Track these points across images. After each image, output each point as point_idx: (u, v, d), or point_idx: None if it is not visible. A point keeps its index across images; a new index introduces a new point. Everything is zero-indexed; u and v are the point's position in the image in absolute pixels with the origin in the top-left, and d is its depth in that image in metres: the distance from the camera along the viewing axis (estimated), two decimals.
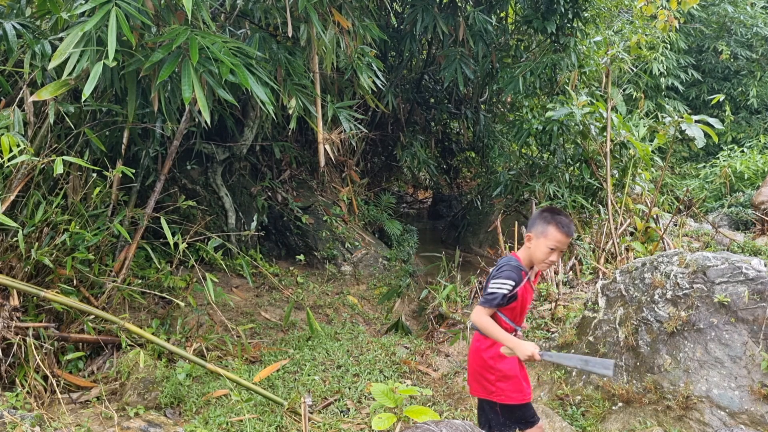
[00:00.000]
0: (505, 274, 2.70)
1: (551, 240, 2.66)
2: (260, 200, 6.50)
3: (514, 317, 2.78)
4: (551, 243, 2.66)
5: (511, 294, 2.69)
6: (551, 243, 2.66)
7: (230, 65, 3.30)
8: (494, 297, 2.68)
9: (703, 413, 3.12)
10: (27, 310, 3.68)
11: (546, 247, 2.66)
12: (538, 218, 2.73)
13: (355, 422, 3.65)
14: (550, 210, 2.77)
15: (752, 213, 8.04)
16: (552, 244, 2.65)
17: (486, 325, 2.71)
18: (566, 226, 2.66)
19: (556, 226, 2.65)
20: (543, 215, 2.73)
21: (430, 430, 2.12)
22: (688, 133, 5.42)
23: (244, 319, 5.18)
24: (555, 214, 2.72)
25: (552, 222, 2.66)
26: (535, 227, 2.72)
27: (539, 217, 2.73)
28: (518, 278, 2.69)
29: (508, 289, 2.67)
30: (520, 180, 6.82)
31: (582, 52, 7.11)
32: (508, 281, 2.68)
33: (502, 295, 2.67)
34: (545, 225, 2.67)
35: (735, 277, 3.34)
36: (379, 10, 6.97)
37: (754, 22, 12.57)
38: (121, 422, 3.37)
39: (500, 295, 2.67)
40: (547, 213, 2.74)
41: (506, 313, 2.76)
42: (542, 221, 2.69)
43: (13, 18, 3.94)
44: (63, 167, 3.40)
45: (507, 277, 2.69)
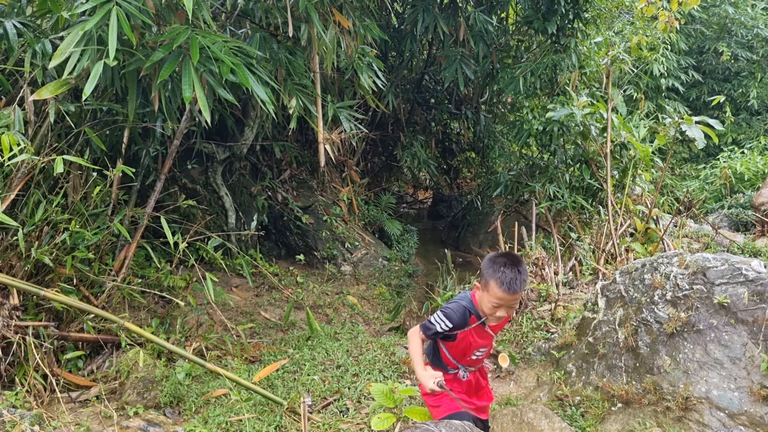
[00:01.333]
0: (447, 313, 2.39)
1: (492, 296, 2.29)
2: (260, 200, 6.50)
3: (457, 357, 2.53)
4: (493, 300, 2.29)
5: (447, 334, 2.43)
6: (493, 300, 2.29)
7: (231, 65, 3.30)
8: (429, 328, 2.45)
9: (703, 414, 3.12)
10: (27, 309, 3.68)
11: (488, 302, 2.32)
12: (485, 265, 2.34)
13: (355, 422, 3.65)
14: (501, 258, 2.31)
15: (752, 214, 8.03)
16: (494, 301, 2.29)
17: (410, 344, 2.51)
18: (509, 283, 2.24)
19: (498, 282, 2.25)
20: (489, 263, 2.31)
21: (429, 431, 2.12)
22: (688, 134, 5.42)
23: (244, 318, 5.18)
24: (502, 265, 2.27)
25: (494, 277, 2.26)
26: (481, 276, 2.35)
27: (486, 265, 2.33)
28: (460, 322, 2.38)
29: (443, 329, 2.40)
30: (521, 180, 6.82)
31: (582, 53, 7.11)
32: (445, 321, 2.39)
33: (434, 331, 2.42)
34: (488, 278, 2.29)
35: (735, 278, 3.33)
36: (380, 10, 6.97)
37: (754, 24, 12.57)
38: (120, 421, 3.37)
39: (434, 330, 2.42)
40: (492, 262, 2.31)
41: (447, 346, 2.52)
42: (487, 271, 2.30)
43: (13, 17, 3.94)
44: (63, 166, 3.40)
45: (447, 317, 2.39)
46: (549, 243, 6.12)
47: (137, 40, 3.36)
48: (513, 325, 4.88)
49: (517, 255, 2.41)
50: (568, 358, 4.03)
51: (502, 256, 2.34)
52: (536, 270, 5.42)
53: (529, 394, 3.99)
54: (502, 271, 2.25)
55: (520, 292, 2.29)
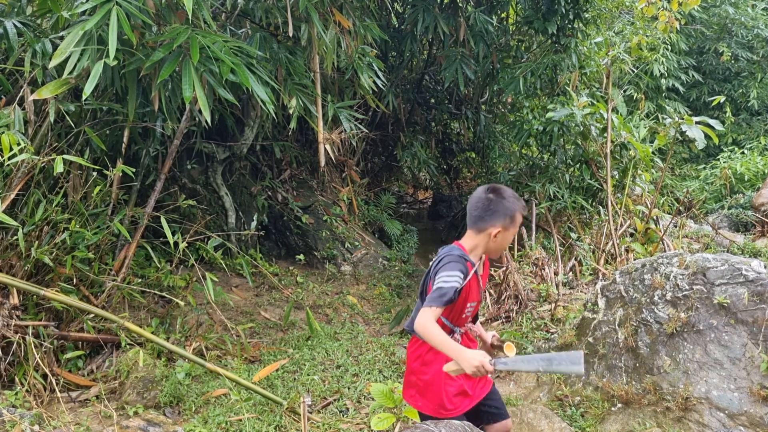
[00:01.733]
0: (451, 266, 2.29)
1: (517, 225, 2.40)
2: (260, 200, 6.50)
3: (453, 317, 2.42)
4: (515, 229, 2.41)
5: (461, 286, 2.30)
6: (515, 229, 2.41)
7: (231, 65, 3.30)
8: (444, 293, 2.22)
9: (703, 414, 3.12)
10: (27, 309, 3.68)
11: (512, 235, 2.40)
12: (500, 209, 2.34)
13: (355, 422, 3.65)
14: (503, 194, 2.37)
15: (752, 214, 8.03)
16: (516, 230, 2.41)
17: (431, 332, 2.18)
18: (524, 204, 2.43)
19: (522, 210, 2.39)
20: (503, 204, 2.34)
21: (429, 431, 2.11)
22: (688, 135, 5.42)
23: (244, 318, 5.18)
24: (511, 198, 2.37)
25: (518, 207, 2.36)
26: (499, 218, 2.34)
27: (500, 208, 2.34)
28: (465, 270, 2.31)
29: (459, 282, 2.26)
30: (521, 181, 6.82)
31: (583, 53, 7.11)
32: (459, 275, 2.26)
33: (453, 288, 2.23)
34: (512, 211, 2.34)
35: (735, 278, 3.33)
36: (380, 10, 6.97)
37: (755, 24, 12.57)
38: (120, 421, 3.37)
39: (451, 289, 2.23)
40: (506, 200, 2.35)
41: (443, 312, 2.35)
42: (507, 211, 2.34)
43: (14, 16, 3.94)
44: (63, 166, 3.40)
45: (454, 269, 2.27)
46: (549, 243, 6.12)
47: (137, 39, 3.36)
48: (513, 326, 4.87)
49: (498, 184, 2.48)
50: None
51: (496, 191, 2.38)
52: (536, 270, 5.42)
53: (529, 394, 3.99)
54: (516, 199, 2.38)
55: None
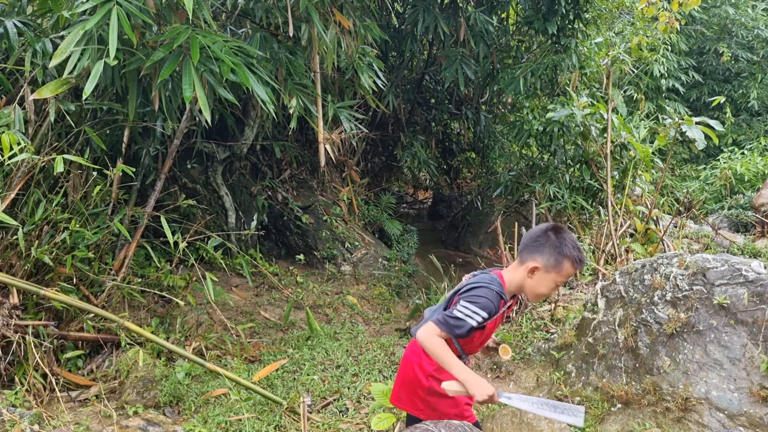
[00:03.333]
0: (482, 303, 2.14)
1: (564, 276, 2.16)
2: (260, 200, 6.50)
3: (468, 348, 2.33)
4: (562, 279, 2.17)
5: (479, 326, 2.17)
6: (562, 279, 2.17)
7: (231, 64, 3.30)
8: (459, 326, 2.13)
9: (702, 415, 3.12)
10: (26, 308, 3.68)
11: (554, 282, 2.17)
12: (548, 246, 2.15)
13: (354, 422, 3.65)
14: (560, 234, 2.17)
15: (752, 215, 8.03)
16: (562, 280, 2.18)
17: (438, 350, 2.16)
18: (583, 260, 2.17)
19: (575, 261, 2.14)
20: (554, 242, 2.15)
21: (428, 431, 2.11)
22: (688, 135, 5.42)
23: (244, 318, 5.18)
24: (570, 245, 2.15)
25: (570, 256, 2.14)
26: (543, 255, 2.15)
27: (549, 245, 2.15)
28: (495, 310, 2.16)
29: (479, 322, 2.13)
30: (521, 181, 6.82)
31: (583, 54, 7.11)
32: (481, 312, 2.13)
33: (469, 327, 2.13)
34: (560, 257, 2.14)
35: (735, 279, 3.33)
36: (380, 10, 6.97)
37: (755, 24, 12.57)
38: (120, 421, 3.37)
39: (468, 326, 2.13)
40: (559, 240, 2.15)
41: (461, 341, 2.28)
42: (555, 251, 2.14)
43: (14, 16, 3.95)
44: (63, 165, 3.40)
45: (483, 308, 2.13)
46: None
47: (138, 39, 3.36)
48: (513, 326, 4.88)
49: (563, 226, 2.27)
50: (567, 358, 4.03)
51: (559, 231, 2.18)
52: None
53: (529, 394, 3.99)
54: (575, 248, 2.15)
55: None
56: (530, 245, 2.20)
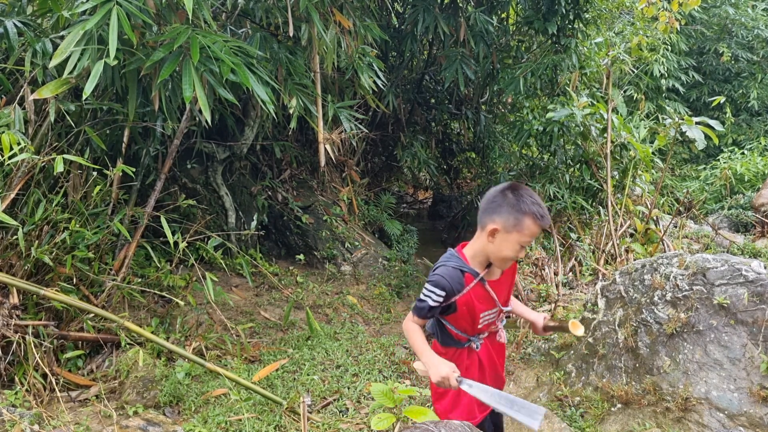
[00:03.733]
0: (435, 280, 2.07)
1: (527, 235, 2.01)
2: (260, 200, 6.50)
3: (466, 329, 2.22)
4: (525, 239, 2.02)
5: (445, 305, 2.10)
6: (525, 239, 2.02)
7: (231, 64, 3.30)
8: (420, 308, 2.10)
9: (702, 415, 3.12)
10: (26, 308, 3.68)
11: (518, 243, 2.03)
12: (505, 204, 2.02)
13: (354, 422, 3.65)
14: (517, 192, 2.04)
15: (752, 215, 8.03)
16: (526, 240, 2.02)
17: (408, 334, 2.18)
18: (546, 215, 2.03)
19: (536, 216, 2.00)
20: (511, 200, 2.02)
21: (429, 431, 2.11)
22: (688, 135, 5.42)
23: (244, 318, 5.18)
24: (528, 201, 2.01)
25: (529, 212, 2.00)
26: (500, 216, 2.02)
27: (506, 203, 2.02)
28: (454, 286, 2.07)
29: (436, 301, 2.07)
30: (521, 181, 6.82)
31: (583, 54, 7.11)
32: (436, 290, 2.06)
33: (427, 307, 2.08)
34: (519, 215, 2.00)
35: (735, 279, 3.34)
36: (380, 10, 6.97)
37: (755, 24, 12.57)
38: (119, 421, 3.37)
39: (426, 306, 2.08)
40: (516, 198, 2.02)
41: (452, 322, 2.21)
42: (513, 210, 2.01)
43: (14, 16, 3.95)
44: (63, 165, 3.40)
45: (437, 285, 2.06)
46: (549, 243, 6.12)
47: (138, 39, 3.36)
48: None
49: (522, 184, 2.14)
50: (567, 358, 4.03)
51: (516, 189, 2.05)
52: (536, 270, 5.42)
53: (529, 394, 3.99)
54: (534, 203, 2.01)
55: (549, 223, 2.10)
56: (488, 208, 2.08)
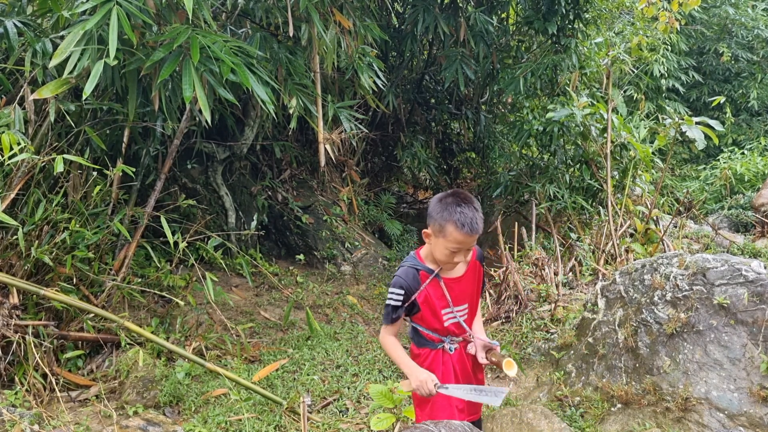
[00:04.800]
0: (394, 281, 2.18)
1: (451, 241, 2.08)
2: (260, 200, 6.50)
3: (434, 327, 2.29)
4: (450, 245, 2.09)
5: (407, 304, 2.19)
6: (450, 245, 2.09)
7: (231, 64, 3.30)
8: (387, 312, 2.21)
9: (702, 415, 3.12)
10: (27, 308, 3.68)
11: (445, 248, 2.11)
12: (435, 209, 2.12)
13: (354, 422, 3.65)
14: (451, 198, 2.11)
15: (752, 215, 8.03)
16: (452, 246, 2.09)
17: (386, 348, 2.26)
18: (471, 223, 2.05)
19: (457, 224, 2.05)
20: (441, 206, 2.10)
21: (428, 431, 2.11)
22: (688, 135, 5.42)
23: (244, 318, 5.18)
24: (456, 205, 2.07)
25: (451, 219, 2.06)
26: (431, 220, 2.13)
27: (436, 208, 2.12)
28: (412, 284, 2.18)
29: (397, 300, 2.17)
30: (521, 181, 6.82)
31: (583, 54, 7.11)
32: (396, 290, 2.17)
33: (391, 308, 2.18)
34: (443, 221, 2.08)
35: (735, 279, 3.33)
36: (380, 10, 6.97)
37: (755, 24, 12.57)
38: (119, 421, 3.37)
39: (390, 308, 2.19)
40: (444, 204, 2.10)
41: (421, 323, 2.30)
42: (440, 214, 2.09)
43: (14, 16, 3.95)
44: (63, 165, 3.40)
45: (395, 285, 2.18)
46: (549, 243, 6.12)
47: (138, 39, 3.36)
48: (513, 326, 4.87)
49: (466, 192, 2.20)
50: (567, 358, 4.03)
51: (453, 195, 2.13)
52: (536, 270, 5.42)
53: (529, 394, 3.99)
54: (459, 212, 2.06)
55: (479, 231, 2.11)
56: (429, 211, 2.18)
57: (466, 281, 2.35)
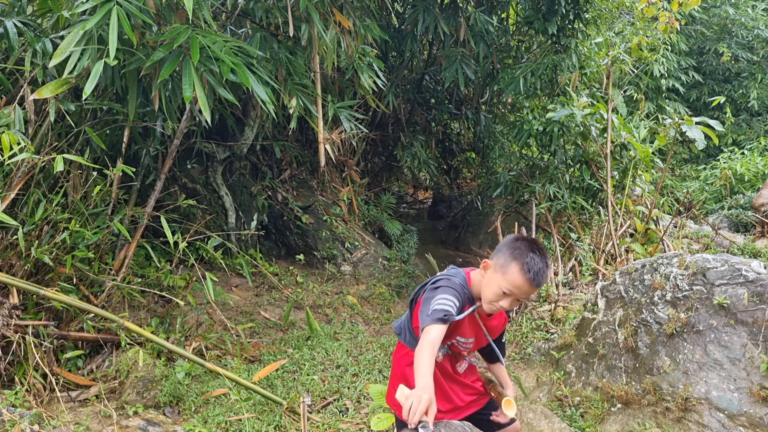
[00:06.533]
0: (453, 292, 1.98)
1: (509, 282, 1.93)
2: (260, 199, 6.50)
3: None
4: (507, 285, 1.93)
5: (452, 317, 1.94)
6: (507, 285, 1.93)
7: (231, 64, 3.30)
8: (445, 318, 1.88)
9: (702, 415, 3.12)
10: (27, 308, 3.68)
11: (498, 287, 1.95)
12: (507, 247, 1.99)
13: (354, 422, 3.65)
14: (527, 242, 1.99)
15: (752, 215, 8.03)
16: (507, 287, 1.93)
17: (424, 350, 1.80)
18: (537, 273, 1.90)
19: (523, 267, 1.90)
20: (514, 244, 1.99)
21: None
22: (688, 135, 5.42)
23: (244, 318, 5.18)
24: (530, 250, 1.94)
25: (519, 259, 1.92)
26: (498, 255, 2.01)
27: (508, 246, 1.99)
28: (461, 302, 1.99)
29: (452, 307, 1.93)
30: (521, 181, 6.82)
31: (583, 54, 7.11)
32: (454, 301, 1.94)
33: (450, 315, 1.91)
34: (510, 259, 1.94)
35: (734, 279, 3.34)
36: (381, 10, 6.97)
37: (755, 24, 12.58)
38: (119, 421, 3.37)
39: (450, 314, 1.91)
40: (520, 245, 1.97)
41: None
42: (509, 252, 1.96)
43: (14, 16, 3.95)
44: (63, 165, 3.39)
45: (455, 296, 1.96)
46: (549, 243, 6.12)
47: (138, 39, 3.36)
48: (513, 326, 4.87)
49: (542, 245, 2.05)
50: (567, 358, 4.03)
51: (529, 240, 2.00)
52: None
53: (529, 394, 3.99)
54: (530, 257, 1.92)
55: (541, 286, 1.96)
56: (499, 246, 2.07)
57: (494, 325, 2.24)
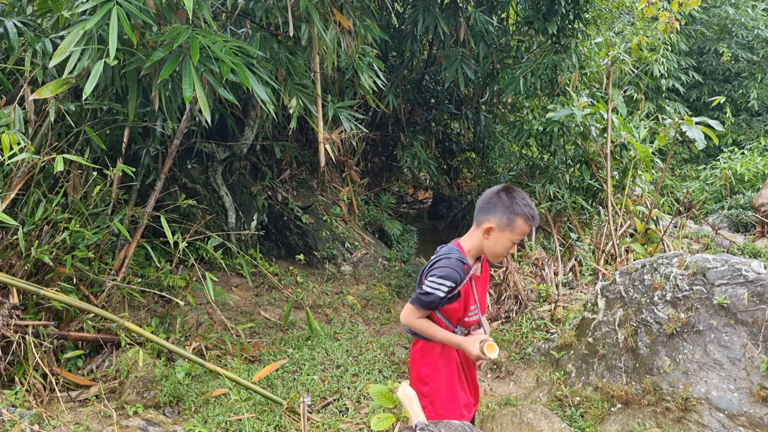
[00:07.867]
0: (446, 273, 2.26)
1: (518, 234, 2.26)
2: (260, 199, 6.50)
3: (453, 316, 2.39)
4: (517, 237, 2.26)
5: (451, 295, 2.29)
6: (517, 237, 2.26)
7: (231, 64, 3.30)
8: (430, 300, 2.27)
9: (702, 415, 3.12)
10: (26, 308, 3.68)
11: (510, 241, 2.27)
12: (499, 206, 2.27)
13: (354, 422, 3.65)
14: (511, 194, 2.28)
15: (752, 215, 8.03)
16: (517, 238, 2.27)
17: (422, 328, 2.35)
18: (535, 216, 2.27)
19: (527, 217, 2.25)
20: (505, 202, 2.26)
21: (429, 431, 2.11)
22: (688, 135, 5.42)
23: (244, 318, 5.18)
24: (520, 202, 2.25)
25: (521, 213, 2.24)
26: (495, 215, 2.27)
27: (500, 204, 2.27)
28: (460, 277, 2.28)
29: (446, 292, 2.26)
30: (521, 181, 6.82)
31: (583, 54, 7.11)
32: (446, 282, 2.25)
33: (438, 298, 2.26)
34: (512, 216, 2.24)
35: (734, 279, 3.34)
36: (381, 10, 6.97)
37: (755, 24, 12.58)
38: (119, 421, 3.37)
39: (437, 297, 2.26)
40: (510, 199, 2.26)
41: (444, 312, 2.37)
42: (507, 210, 2.25)
43: (14, 16, 3.95)
44: (63, 165, 3.40)
45: (447, 277, 2.26)
46: (549, 243, 6.13)
47: (138, 39, 3.36)
48: (513, 326, 4.88)
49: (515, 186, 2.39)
50: (567, 358, 4.03)
51: (511, 190, 2.29)
52: (536, 270, 5.42)
53: (529, 394, 3.99)
54: (523, 205, 2.25)
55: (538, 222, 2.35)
56: (484, 207, 2.32)
57: (484, 279, 2.50)
